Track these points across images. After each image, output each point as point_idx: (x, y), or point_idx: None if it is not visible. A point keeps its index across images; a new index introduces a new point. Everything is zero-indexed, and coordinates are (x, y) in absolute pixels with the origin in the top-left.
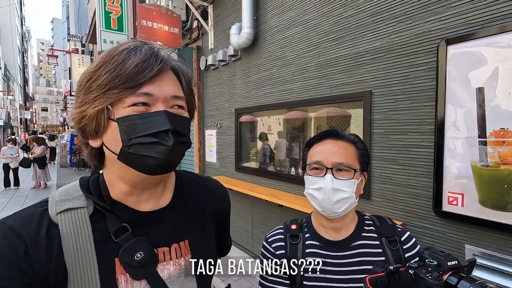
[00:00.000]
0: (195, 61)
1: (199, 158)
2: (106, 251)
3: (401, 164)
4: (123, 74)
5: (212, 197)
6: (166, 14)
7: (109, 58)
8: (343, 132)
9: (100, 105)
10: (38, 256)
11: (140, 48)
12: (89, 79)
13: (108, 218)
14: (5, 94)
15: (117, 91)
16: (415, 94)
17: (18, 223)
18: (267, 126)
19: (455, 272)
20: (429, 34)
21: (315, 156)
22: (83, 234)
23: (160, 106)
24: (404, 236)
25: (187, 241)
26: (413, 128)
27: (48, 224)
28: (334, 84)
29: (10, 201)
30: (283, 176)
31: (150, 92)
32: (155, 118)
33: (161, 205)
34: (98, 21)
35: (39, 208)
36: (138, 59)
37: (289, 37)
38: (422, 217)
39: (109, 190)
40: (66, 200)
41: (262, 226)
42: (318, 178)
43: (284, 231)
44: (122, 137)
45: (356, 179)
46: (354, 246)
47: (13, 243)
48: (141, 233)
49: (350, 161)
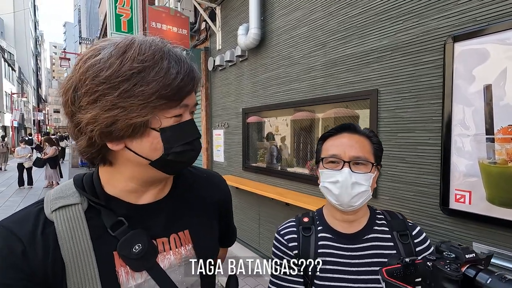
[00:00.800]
0: (203, 62)
1: (207, 158)
2: (104, 245)
3: (408, 162)
4: (171, 85)
5: (210, 187)
6: (175, 16)
7: (152, 63)
8: (359, 126)
9: (148, 115)
10: (36, 255)
11: (177, 56)
12: (127, 80)
13: (104, 213)
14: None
15: (164, 102)
16: (421, 92)
17: (15, 224)
18: (275, 127)
19: (473, 264)
20: (436, 31)
21: (332, 150)
22: (78, 230)
23: (187, 115)
24: (415, 230)
25: (187, 231)
26: (420, 126)
27: (44, 223)
28: (341, 83)
29: (24, 199)
30: (289, 175)
31: (187, 104)
32: (187, 128)
33: (160, 196)
34: (108, 23)
35: (36, 207)
36: (183, 71)
37: (296, 37)
38: (430, 215)
39: (104, 186)
40: (60, 197)
41: (269, 224)
42: (335, 172)
43: (297, 223)
44: (164, 146)
45: (372, 173)
46: (367, 239)
47: (11, 244)
48: (138, 226)
49: (366, 155)
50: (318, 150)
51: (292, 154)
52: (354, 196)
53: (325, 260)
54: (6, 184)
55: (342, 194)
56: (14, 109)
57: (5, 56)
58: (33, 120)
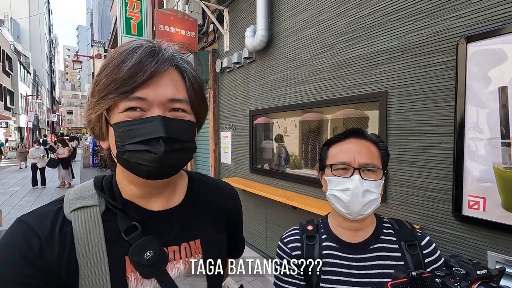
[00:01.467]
0: (211, 64)
1: (214, 159)
2: (117, 249)
3: (419, 166)
4: (117, 79)
5: (222, 198)
6: (183, 19)
7: (109, 61)
8: (366, 131)
9: (99, 111)
10: (52, 253)
11: (138, 49)
12: (94, 83)
13: (119, 216)
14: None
15: (112, 96)
16: (433, 94)
17: (35, 221)
18: (283, 128)
19: (484, 281)
20: (448, 32)
21: (340, 156)
22: (94, 232)
23: (155, 110)
24: (424, 240)
25: (198, 241)
26: (431, 129)
27: (62, 222)
28: (349, 85)
29: (37, 199)
30: (297, 178)
31: (143, 97)
32: (147, 124)
33: (172, 205)
34: (119, 27)
35: (55, 206)
36: (133, 61)
37: (303, 38)
38: (441, 222)
39: (120, 189)
40: (80, 198)
41: (276, 227)
42: (345, 179)
43: (300, 231)
44: (116, 143)
45: (382, 180)
46: (373, 249)
47: (29, 240)
48: (151, 232)
49: (375, 161)
50: (323, 156)
51: (300, 156)
52: (365, 204)
53: (329, 270)
54: (21, 184)
55: (353, 202)
56: (29, 111)
57: (21, 59)
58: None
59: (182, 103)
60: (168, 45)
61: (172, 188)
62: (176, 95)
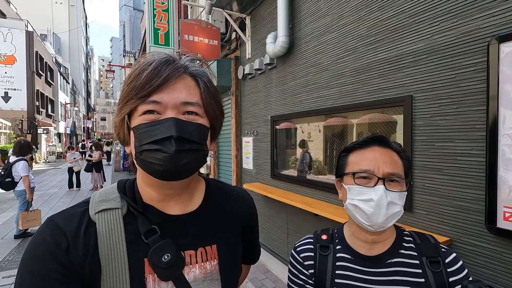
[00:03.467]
0: (233, 70)
1: (236, 165)
2: (137, 250)
3: (447, 174)
4: (137, 85)
5: (238, 206)
6: (206, 28)
7: (132, 72)
8: (389, 139)
9: (121, 116)
10: (77, 251)
11: (155, 60)
12: (121, 92)
13: (140, 219)
14: (72, 106)
15: (132, 101)
16: (462, 97)
17: (63, 221)
18: (307, 133)
19: None
20: (477, 32)
21: (363, 164)
22: (116, 233)
23: (169, 113)
24: (449, 257)
25: (214, 246)
26: (461, 134)
27: (88, 223)
28: (372, 90)
29: (72, 200)
30: (319, 184)
31: (158, 100)
32: (161, 126)
33: (189, 210)
34: (148, 37)
35: (82, 207)
36: (150, 69)
37: (325, 43)
38: (473, 234)
39: (140, 193)
40: (104, 201)
41: (297, 234)
42: (368, 189)
43: (314, 241)
44: (135, 144)
45: (406, 191)
46: (390, 264)
47: (57, 239)
48: (168, 236)
49: (399, 171)
50: (341, 163)
51: (323, 162)
52: (389, 217)
53: (341, 283)
54: (59, 186)
55: (376, 214)
56: (67, 118)
57: (61, 70)
58: (83, 128)
59: (195, 106)
60: (184, 56)
61: (189, 194)
62: (189, 99)
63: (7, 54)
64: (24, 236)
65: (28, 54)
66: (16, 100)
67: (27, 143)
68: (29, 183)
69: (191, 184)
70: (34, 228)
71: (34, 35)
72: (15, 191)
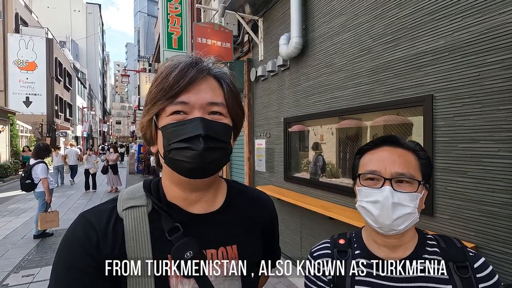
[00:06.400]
0: (245, 73)
1: (249, 167)
2: (161, 247)
3: (472, 177)
4: (165, 87)
5: (258, 208)
6: (219, 31)
7: (159, 74)
8: (403, 138)
9: (149, 116)
10: (106, 246)
11: (181, 62)
12: (147, 94)
13: (164, 217)
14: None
15: (160, 102)
16: (486, 96)
17: (94, 216)
18: (319, 136)
19: None
20: (503, 27)
21: (371, 165)
22: (142, 230)
23: (196, 113)
24: (478, 262)
25: (235, 246)
26: (485, 135)
27: (116, 219)
28: (389, 89)
29: (89, 202)
30: (333, 187)
31: (185, 101)
32: (189, 125)
33: (212, 209)
34: (161, 42)
35: (110, 204)
36: (176, 71)
37: (339, 43)
38: (501, 240)
39: (165, 192)
40: (130, 198)
41: (311, 238)
42: (374, 190)
43: (331, 246)
44: (163, 143)
45: (419, 193)
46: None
47: (89, 233)
48: (191, 234)
49: (412, 171)
50: (355, 165)
51: (337, 164)
52: (396, 219)
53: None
54: (76, 187)
55: (382, 216)
56: (84, 121)
57: (79, 75)
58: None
59: (220, 106)
60: (206, 58)
61: (212, 193)
62: (214, 99)
63: (29, 60)
64: (43, 236)
65: (48, 60)
66: (36, 105)
67: (45, 146)
68: (47, 185)
69: (214, 184)
70: (53, 228)
71: (54, 42)
72: (35, 193)
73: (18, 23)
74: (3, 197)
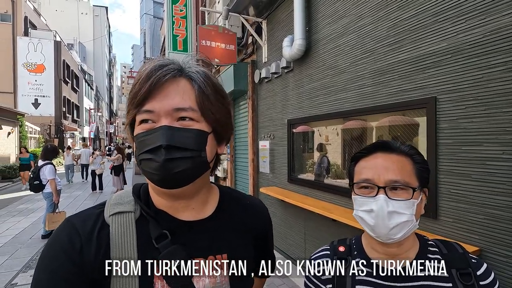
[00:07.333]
0: (249, 74)
1: (253, 169)
2: (147, 255)
3: (476, 179)
4: (131, 95)
5: (251, 216)
6: (223, 33)
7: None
8: (396, 143)
9: (126, 125)
10: (90, 252)
11: (150, 65)
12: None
13: (151, 224)
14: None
15: (131, 112)
16: (490, 99)
17: (79, 222)
18: (325, 137)
19: None
20: (507, 29)
21: (364, 173)
22: (128, 237)
23: (163, 121)
24: (481, 269)
25: (225, 255)
26: (490, 138)
27: (102, 225)
28: (393, 91)
29: (95, 203)
30: (337, 189)
31: (150, 109)
32: (154, 135)
33: (202, 216)
34: (167, 44)
35: (98, 209)
36: (144, 76)
37: (342, 45)
38: (506, 244)
39: (152, 198)
40: (118, 204)
41: (315, 240)
42: (368, 199)
43: (331, 253)
44: (135, 153)
45: (415, 199)
46: (417, 277)
47: (72, 238)
48: (179, 242)
49: (407, 178)
50: (350, 173)
51: (342, 166)
52: (393, 228)
53: None
54: (83, 188)
55: (378, 225)
56: (91, 122)
57: (86, 77)
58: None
59: (188, 111)
60: (185, 57)
61: (200, 201)
62: (181, 104)
63: (37, 63)
64: None
65: (56, 62)
66: (44, 106)
67: (53, 147)
68: (55, 186)
69: (201, 191)
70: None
71: (62, 45)
72: (43, 193)
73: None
74: (13, 197)
